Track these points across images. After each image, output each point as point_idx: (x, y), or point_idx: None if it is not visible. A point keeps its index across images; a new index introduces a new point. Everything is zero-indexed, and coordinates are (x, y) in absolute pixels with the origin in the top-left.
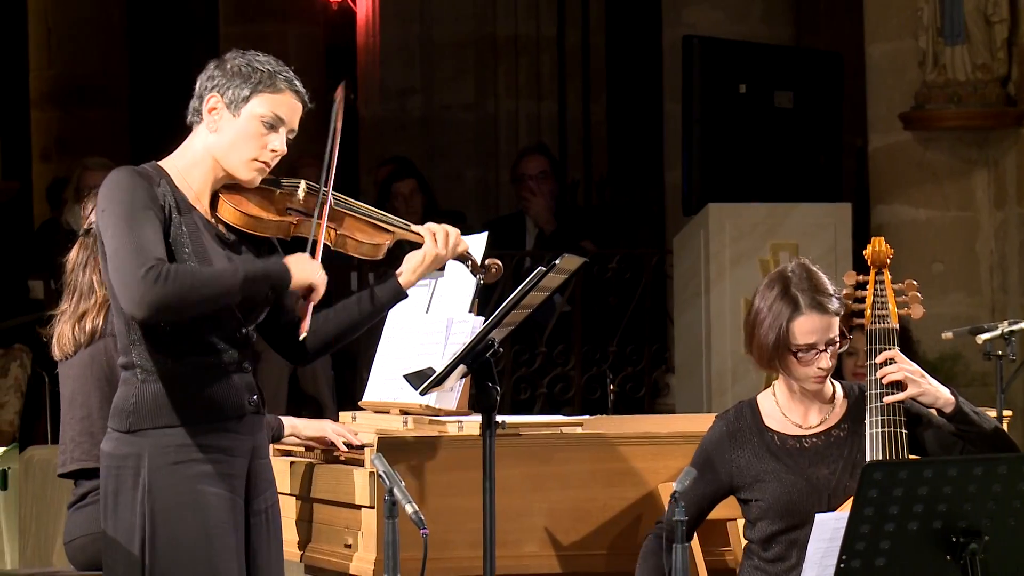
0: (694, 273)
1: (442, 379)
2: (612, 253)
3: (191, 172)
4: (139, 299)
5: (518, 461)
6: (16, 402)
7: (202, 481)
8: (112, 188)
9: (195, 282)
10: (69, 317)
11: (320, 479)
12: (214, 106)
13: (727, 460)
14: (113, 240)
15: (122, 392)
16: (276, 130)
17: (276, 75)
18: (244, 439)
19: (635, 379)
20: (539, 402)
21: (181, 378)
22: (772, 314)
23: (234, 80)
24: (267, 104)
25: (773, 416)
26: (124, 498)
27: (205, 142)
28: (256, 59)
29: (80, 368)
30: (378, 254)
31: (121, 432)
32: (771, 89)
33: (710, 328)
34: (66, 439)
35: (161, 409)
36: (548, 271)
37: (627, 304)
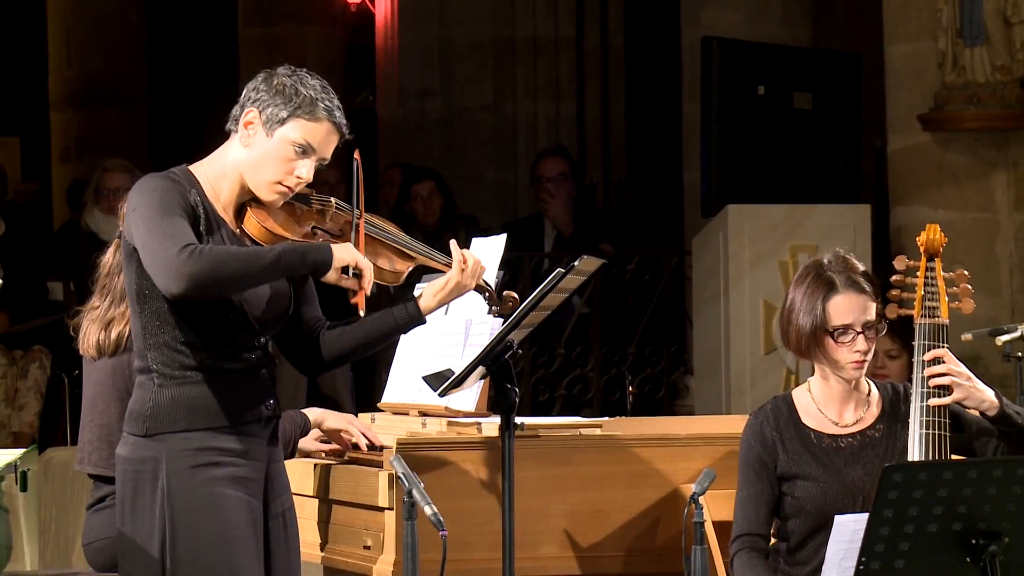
0: (713, 274)
1: (461, 381)
2: (631, 255)
3: (220, 182)
4: (176, 271)
5: (537, 463)
6: (36, 403)
7: (220, 484)
8: (143, 190)
9: (228, 259)
10: (97, 318)
11: (339, 481)
12: (251, 120)
13: (774, 450)
14: (145, 231)
15: (138, 396)
16: (306, 157)
17: (317, 103)
18: (261, 443)
19: (654, 381)
20: (558, 404)
21: (198, 383)
22: (807, 299)
23: (275, 99)
24: (302, 130)
25: (809, 413)
26: (142, 502)
27: (236, 155)
28: (303, 81)
29: (102, 376)
30: (398, 280)
31: (138, 436)
32: (790, 90)
33: (729, 329)
34: (84, 440)
35: (179, 413)
36: (567, 273)
37: (646, 306)
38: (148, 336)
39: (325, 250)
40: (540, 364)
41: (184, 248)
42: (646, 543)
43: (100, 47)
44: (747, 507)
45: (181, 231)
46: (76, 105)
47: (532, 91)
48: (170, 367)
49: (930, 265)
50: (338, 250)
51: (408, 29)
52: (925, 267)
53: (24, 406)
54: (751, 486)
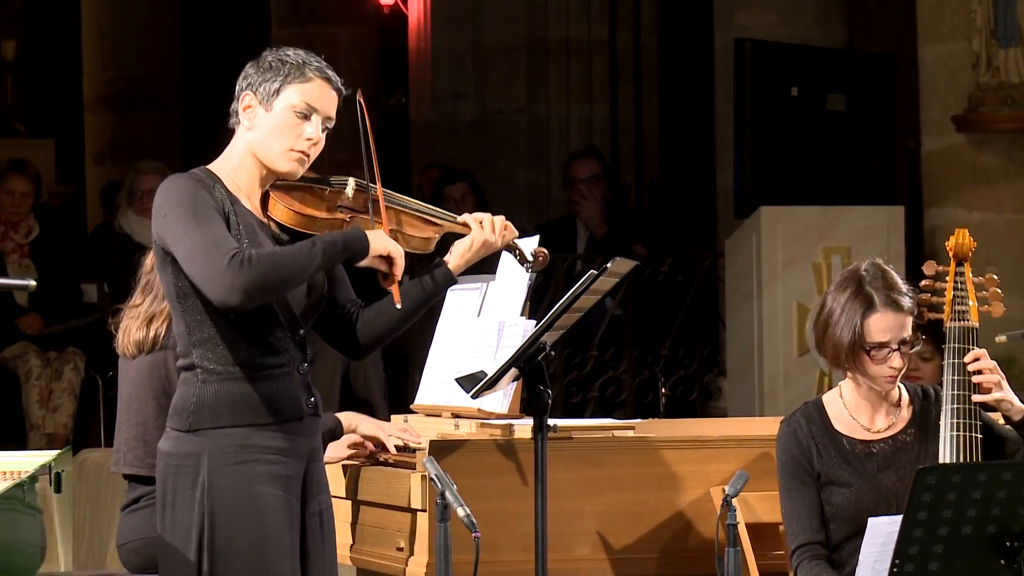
0: (746, 276)
1: (494, 382)
2: (664, 256)
3: (238, 173)
4: (230, 286)
5: (570, 465)
6: (70, 405)
7: (260, 482)
8: (170, 193)
9: (278, 260)
10: (139, 315)
11: (372, 482)
12: (248, 103)
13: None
14: (186, 239)
15: (182, 392)
16: (309, 119)
17: (305, 65)
18: (302, 441)
19: (687, 382)
20: (590, 406)
21: (241, 379)
22: (846, 313)
23: (265, 75)
24: (298, 94)
25: (841, 418)
26: (182, 497)
27: (245, 141)
28: (285, 53)
29: (139, 374)
30: (428, 247)
31: (181, 431)
32: (823, 92)
33: (762, 331)
34: (120, 440)
35: (221, 409)
36: (599, 274)
37: (679, 307)
38: (192, 333)
39: (361, 236)
40: (573, 366)
41: (232, 259)
42: (679, 545)
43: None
44: (799, 516)
45: (221, 236)
46: (110, 107)
47: (565, 93)
48: (214, 363)
49: (959, 270)
50: (373, 237)
51: (441, 31)
52: (954, 272)
53: (58, 408)
54: (798, 495)
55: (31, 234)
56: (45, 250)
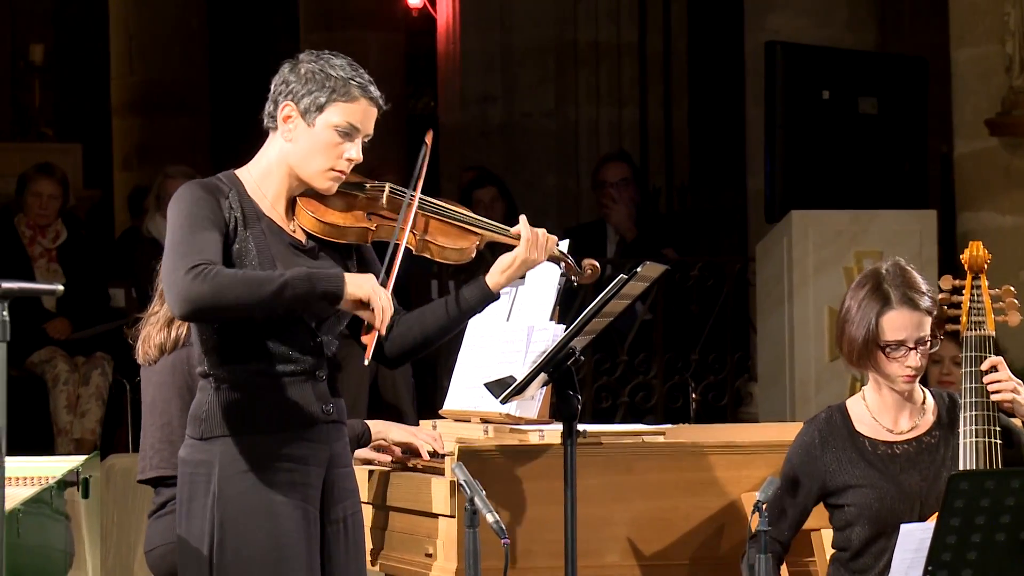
0: (777, 281)
1: (523, 388)
2: (694, 260)
3: (265, 180)
4: (176, 295)
5: (599, 470)
6: (97, 410)
7: (273, 490)
8: (176, 201)
9: (232, 283)
10: (157, 321)
11: (399, 488)
12: (288, 115)
13: (819, 466)
14: (168, 244)
15: (198, 399)
16: (352, 138)
17: (350, 83)
18: (318, 448)
19: (717, 388)
20: (620, 411)
21: (252, 386)
22: (862, 310)
23: (308, 87)
24: (342, 113)
25: (863, 421)
26: (196, 504)
27: (281, 150)
28: (330, 64)
29: (162, 375)
30: (463, 259)
31: (195, 439)
32: (855, 95)
33: (793, 336)
34: (146, 445)
35: (232, 416)
36: (629, 279)
37: (709, 312)
38: (205, 340)
39: (337, 279)
40: (603, 371)
41: (192, 268)
42: (710, 552)
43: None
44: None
45: (199, 246)
46: (138, 111)
47: (594, 96)
48: (226, 370)
49: (975, 283)
50: (352, 282)
51: (470, 34)
52: (970, 284)
53: (86, 413)
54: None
55: (59, 239)
56: (73, 255)
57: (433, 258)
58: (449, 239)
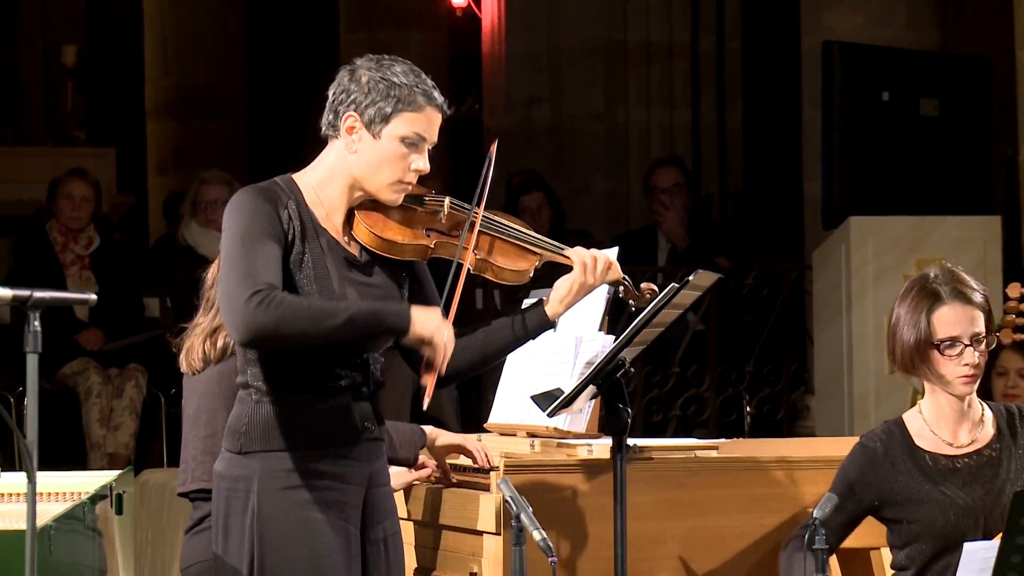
0: (835, 289)
1: (571, 400)
2: (748, 269)
3: (325, 189)
4: (239, 322)
5: (650, 486)
6: (131, 424)
7: (313, 507)
8: (233, 209)
9: (298, 314)
10: (202, 331)
11: (444, 504)
12: (352, 125)
13: (875, 481)
14: (226, 261)
15: (236, 412)
16: (418, 148)
17: (415, 90)
18: (359, 466)
19: (773, 401)
20: (672, 425)
21: (294, 401)
22: (911, 312)
23: (371, 97)
24: (408, 124)
25: (922, 435)
26: (234, 521)
27: (344, 162)
28: (392, 71)
29: (208, 384)
30: (522, 280)
31: (233, 453)
32: (916, 96)
33: (852, 347)
34: (187, 457)
35: (272, 432)
36: (681, 288)
37: (764, 322)
38: (247, 351)
39: (403, 316)
40: (653, 383)
41: (255, 295)
42: (765, 571)
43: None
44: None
45: (260, 266)
46: (173, 114)
47: (645, 98)
48: (268, 383)
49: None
50: (418, 319)
51: (516, 34)
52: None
53: (119, 426)
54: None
55: (91, 245)
56: (106, 262)
57: (490, 279)
58: (508, 259)
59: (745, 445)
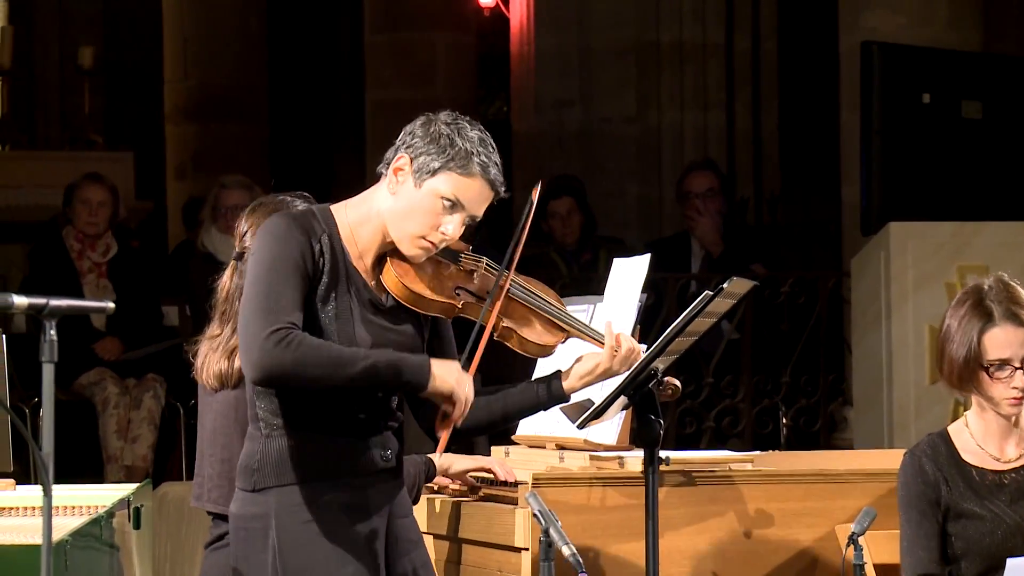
0: (874, 297)
1: (601, 412)
2: (785, 276)
3: (360, 228)
4: (255, 360)
5: (683, 500)
6: (149, 435)
7: (337, 539)
8: (265, 234)
9: (316, 358)
10: (219, 347)
11: (470, 519)
12: (401, 167)
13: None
14: (250, 289)
15: (247, 448)
16: (455, 212)
17: (472, 156)
18: (378, 496)
19: (810, 412)
20: (706, 436)
21: (306, 433)
22: (962, 328)
23: (429, 147)
24: (452, 185)
25: (968, 449)
26: (256, 560)
27: (382, 202)
28: (462, 131)
29: (223, 407)
30: (544, 354)
31: (247, 491)
32: (958, 98)
33: (891, 357)
34: (204, 474)
35: (285, 465)
36: (715, 295)
37: (801, 331)
38: None
39: (423, 370)
40: (686, 394)
41: (274, 332)
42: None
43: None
44: (916, 548)
45: (284, 302)
46: (193, 118)
47: (678, 100)
48: (277, 415)
49: None
50: (439, 373)
51: (545, 35)
52: None
53: (137, 438)
54: (917, 526)
55: (109, 252)
56: (124, 270)
57: (513, 348)
58: (534, 332)
59: (781, 458)
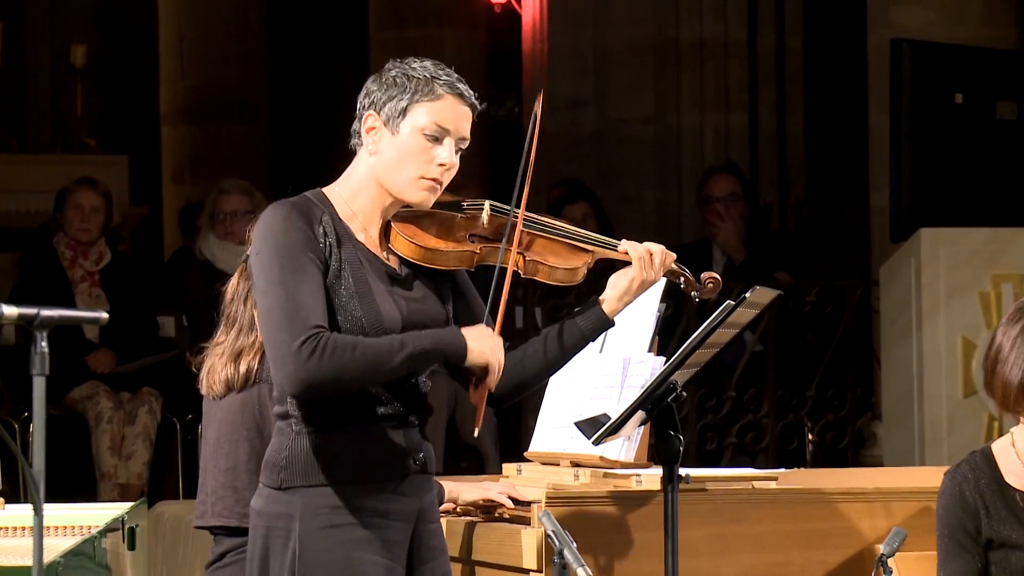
0: (904, 307)
1: (618, 427)
2: (810, 285)
3: (356, 200)
4: (291, 376)
5: (704, 520)
6: (144, 452)
7: (357, 547)
8: (265, 229)
9: (352, 362)
10: (224, 352)
11: (482, 540)
12: (372, 125)
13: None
14: (266, 297)
15: (276, 443)
16: (441, 142)
17: (434, 80)
18: (407, 501)
19: (837, 427)
20: (728, 453)
21: (337, 432)
22: (1016, 349)
23: (389, 92)
24: (427, 114)
25: (1013, 471)
26: (273, 563)
27: (368, 166)
28: (411, 66)
29: (230, 413)
30: (575, 279)
31: (272, 488)
32: (992, 99)
33: (922, 369)
34: (207, 488)
35: (314, 465)
36: (737, 305)
37: (827, 342)
38: None
39: (459, 344)
40: (707, 408)
41: (305, 343)
42: None
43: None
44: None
45: (306, 302)
46: (190, 119)
47: (699, 101)
48: (310, 412)
49: None
50: (474, 344)
51: (559, 32)
52: None
53: (132, 455)
54: (954, 558)
55: (102, 261)
56: (117, 278)
57: (542, 280)
58: (559, 258)
59: (807, 476)
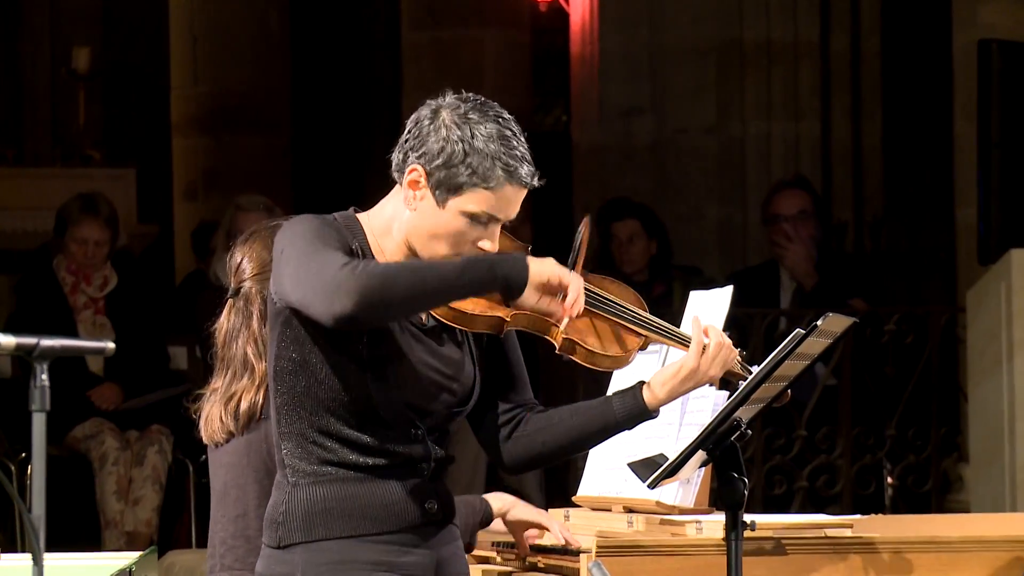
0: (993, 337)
1: (676, 469)
2: (889, 312)
3: (384, 240)
4: (340, 290)
5: (771, 571)
6: (154, 497)
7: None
8: (296, 227)
9: (400, 270)
10: (220, 397)
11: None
12: (416, 180)
13: None
14: (297, 263)
15: (273, 498)
16: (486, 226)
17: (495, 163)
18: (419, 553)
19: (919, 470)
20: (798, 498)
21: (337, 481)
22: None
23: (443, 156)
24: (480, 202)
25: None
26: None
27: (400, 217)
28: (477, 131)
29: (235, 456)
30: (616, 367)
31: (272, 548)
32: None
33: (1014, 406)
34: (215, 541)
35: (314, 519)
36: (808, 334)
37: (908, 376)
38: (282, 424)
39: (519, 262)
40: (775, 449)
41: (347, 264)
42: None
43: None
44: None
45: (340, 256)
46: (204, 129)
47: (765, 108)
48: (305, 462)
49: None
50: (536, 262)
51: (611, 33)
52: None
53: (140, 500)
54: None
55: (107, 286)
56: (124, 305)
57: (580, 363)
58: (601, 344)
59: (885, 523)
